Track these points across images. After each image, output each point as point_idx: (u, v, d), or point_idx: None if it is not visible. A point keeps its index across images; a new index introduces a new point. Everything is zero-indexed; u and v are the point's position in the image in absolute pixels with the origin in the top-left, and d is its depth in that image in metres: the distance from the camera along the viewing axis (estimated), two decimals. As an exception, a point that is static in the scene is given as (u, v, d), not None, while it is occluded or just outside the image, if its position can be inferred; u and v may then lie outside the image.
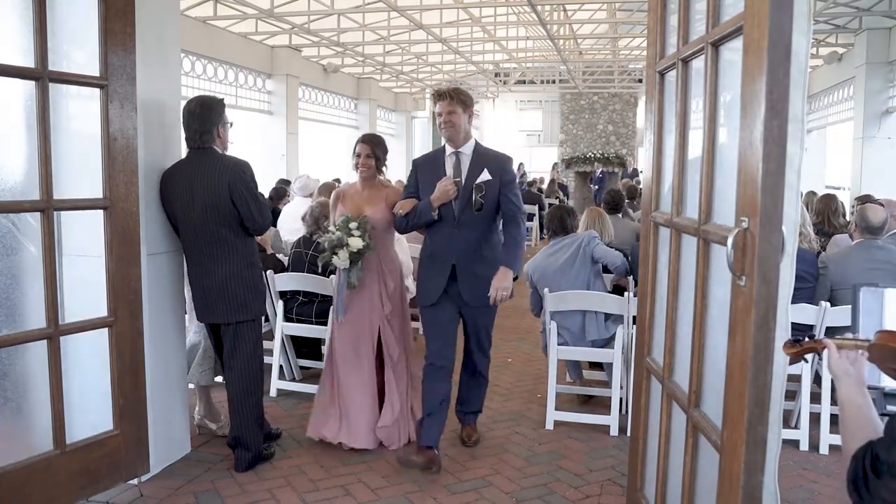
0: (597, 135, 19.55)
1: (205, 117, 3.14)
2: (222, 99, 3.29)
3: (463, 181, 3.27)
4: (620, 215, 5.70)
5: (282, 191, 7.12)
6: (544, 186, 15.37)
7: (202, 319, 3.30)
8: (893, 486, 1.21)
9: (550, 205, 14.89)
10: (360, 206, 3.47)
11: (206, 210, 3.09)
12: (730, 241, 1.62)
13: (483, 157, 3.31)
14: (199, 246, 3.16)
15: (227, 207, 3.10)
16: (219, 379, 3.76)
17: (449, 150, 3.35)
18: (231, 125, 3.30)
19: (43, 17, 2.52)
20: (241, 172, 3.13)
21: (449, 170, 3.30)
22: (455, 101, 3.26)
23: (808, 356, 1.55)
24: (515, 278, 3.27)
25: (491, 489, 3.16)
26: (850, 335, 1.53)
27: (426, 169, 3.39)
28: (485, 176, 3.24)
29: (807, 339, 1.55)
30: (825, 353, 1.54)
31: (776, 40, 1.50)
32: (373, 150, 3.47)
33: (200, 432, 3.66)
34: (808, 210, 5.14)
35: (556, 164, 18.87)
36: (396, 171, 16.46)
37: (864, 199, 6.41)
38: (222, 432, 3.63)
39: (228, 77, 10.46)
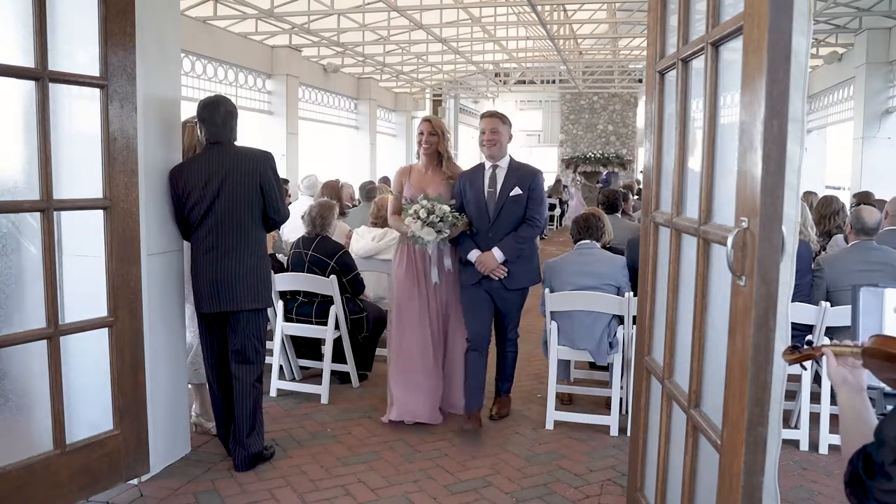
0: (597, 135, 19.56)
1: (227, 115, 3.25)
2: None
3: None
4: (619, 215, 5.70)
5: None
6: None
7: (210, 308, 3.25)
8: (885, 486, 1.22)
9: (552, 205, 14.96)
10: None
11: (235, 199, 3.17)
12: (730, 241, 1.62)
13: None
14: (218, 236, 3.18)
15: (256, 197, 3.21)
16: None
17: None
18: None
19: (43, 17, 2.52)
20: (270, 162, 3.28)
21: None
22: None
23: (808, 362, 1.55)
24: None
25: (491, 489, 3.16)
26: (848, 341, 1.52)
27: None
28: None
29: (805, 345, 1.55)
30: (823, 359, 1.53)
31: (776, 40, 1.50)
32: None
33: (197, 431, 3.66)
34: (809, 210, 5.14)
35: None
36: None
37: (863, 196, 6.42)
38: (216, 431, 3.63)
39: (228, 77, 10.46)
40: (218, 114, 3.22)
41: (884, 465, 1.22)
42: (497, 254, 3.66)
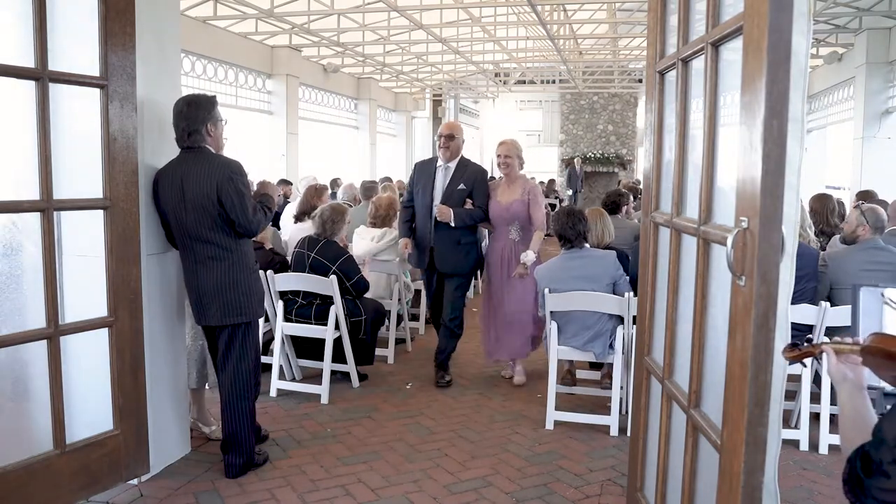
0: (597, 135, 19.57)
1: (192, 116, 3.03)
2: (213, 96, 3.19)
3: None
4: (620, 215, 5.69)
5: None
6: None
7: (199, 322, 3.26)
8: (883, 485, 1.22)
9: (552, 205, 14.91)
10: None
11: (197, 212, 3.03)
12: (730, 241, 1.62)
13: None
14: (192, 249, 3.11)
15: (218, 210, 3.02)
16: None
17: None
18: (225, 122, 3.20)
19: (43, 17, 2.52)
20: (230, 172, 3.03)
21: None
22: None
23: (807, 360, 1.55)
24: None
25: (491, 489, 3.16)
26: (848, 339, 1.52)
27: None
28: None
29: (805, 343, 1.55)
30: (824, 357, 1.53)
31: (776, 40, 1.50)
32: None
33: (194, 435, 3.65)
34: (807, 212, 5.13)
35: (575, 158, 18.69)
36: (397, 171, 16.47)
37: (866, 195, 6.43)
38: (215, 436, 3.60)
39: (228, 77, 10.47)
40: (193, 119, 3.04)
41: (882, 464, 1.22)
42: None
